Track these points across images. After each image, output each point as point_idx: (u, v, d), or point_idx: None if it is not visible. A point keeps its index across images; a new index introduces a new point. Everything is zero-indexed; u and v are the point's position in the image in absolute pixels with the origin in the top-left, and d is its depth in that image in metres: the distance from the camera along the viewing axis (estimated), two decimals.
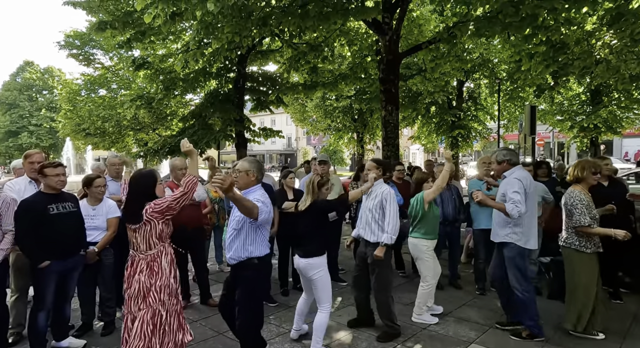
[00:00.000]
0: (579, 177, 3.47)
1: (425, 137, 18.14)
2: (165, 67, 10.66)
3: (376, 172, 3.59)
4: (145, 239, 2.66)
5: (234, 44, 7.28)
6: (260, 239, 2.81)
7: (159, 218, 2.65)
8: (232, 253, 2.79)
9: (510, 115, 18.33)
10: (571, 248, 3.45)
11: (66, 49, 15.88)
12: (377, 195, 3.56)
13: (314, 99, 17.56)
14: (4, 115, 34.75)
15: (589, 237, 3.37)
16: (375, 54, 9.22)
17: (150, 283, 2.63)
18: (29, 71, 35.83)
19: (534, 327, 3.42)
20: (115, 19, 8.32)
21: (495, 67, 14.73)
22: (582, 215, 3.30)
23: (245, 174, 2.82)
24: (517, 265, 3.40)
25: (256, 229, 2.78)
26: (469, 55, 10.67)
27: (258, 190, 2.82)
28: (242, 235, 2.76)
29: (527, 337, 3.43)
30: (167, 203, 2.65)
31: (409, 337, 3.57)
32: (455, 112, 15.50)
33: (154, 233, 2.66)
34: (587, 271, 3.40)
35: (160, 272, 2.67)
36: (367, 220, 3.58)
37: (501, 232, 3.49)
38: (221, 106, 10.53)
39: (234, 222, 2.81)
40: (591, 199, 3.42)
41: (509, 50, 8.52)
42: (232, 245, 2.79)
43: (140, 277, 2.63)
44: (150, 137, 16.03)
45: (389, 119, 7.68)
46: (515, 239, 3.39)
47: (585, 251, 3.39)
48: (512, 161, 3.49)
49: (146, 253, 2.67)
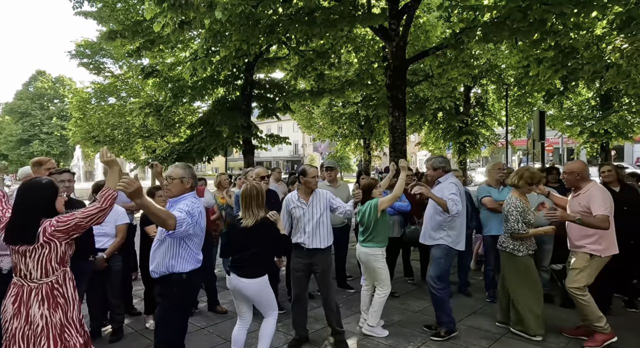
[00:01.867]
0: (515, 184, 3.60)
1: (433, 143, 18.06)
2: (174, 75, 10.80)
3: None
4: (40, 264, 2.14)
5: (242, 51, 7.36)
6: (186, 253, 2.53)
7: (62, 239, 2.17)
8: (153, 266, 2.56)
9: (518, 121, 18.22)
10: (506, 251, 3.61)
11: (77, 58, 16.20)
12: (319, 200, 3.48)
13: (320, 106, 17.62)
14: (16, 124, 35.43)
15: (522, 241, 3.53)
16: (382, 61, 9.24)
17: (58, 318, 2.16)
18: (41, 80, 36.55)
19: (450, 323, 3.62)
20: (125, 28, 8.49)
21: (503, 72, 14.68)
22: (516, 222, 3.47)
23: (179, 181, 2.59)
24: (441, 266, 3.64)
25: (180, 242, 2.50)
26: (476, 60, 10.66)
27: (189, 198, 2.58)
28: (163, 248, 2.51)
29: (445, 334, 3.58)
30: (76, 221, 2.18)
31: (420, 345, 3.51)
32: (462, 117, 15.44)
33: (54, 257, 2.17)
34: (522, 273, 3.55)
35: (67, 302, 2.21)
36: (315, 227, 3.43)
37: (436, 235, 3.68)
38: (229, 113, 10.62)
39: (158, 231, 2.59)
40: (528, 204, 3.56)
41: (517, 55, 8.48)
42: (154, 257, 2.57)
43: (43, 312, 2.12)
44: (158, 145, 16.19)
45: (396, 125, 7.66)
46: (449, 241, 3.62)
47: (517, 254, 3.54)
48: (446, 168, 3.78)
49: (39, 282, 2.15)
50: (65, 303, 2.20)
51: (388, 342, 3.58)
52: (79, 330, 2.26)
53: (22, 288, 2.14)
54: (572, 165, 3.58)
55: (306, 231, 3.44)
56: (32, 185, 2.27)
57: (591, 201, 3.33)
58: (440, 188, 3.68)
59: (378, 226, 3.73)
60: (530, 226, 3.52)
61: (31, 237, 2.12)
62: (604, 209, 3.27)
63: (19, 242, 2.14)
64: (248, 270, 2.94)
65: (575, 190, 3.55)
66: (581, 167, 3.52)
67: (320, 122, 20.13)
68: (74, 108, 17.09)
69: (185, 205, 2.49)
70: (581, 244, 3.43)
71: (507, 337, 3.63)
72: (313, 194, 3.51)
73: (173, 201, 2.61)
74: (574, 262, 3.46)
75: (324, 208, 3.48)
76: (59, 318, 2.16)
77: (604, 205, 3.29)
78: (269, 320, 3.09)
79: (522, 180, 3.53)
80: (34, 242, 2.12)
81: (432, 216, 3.73)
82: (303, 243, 3.45)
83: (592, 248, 3.38)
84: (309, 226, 3.43)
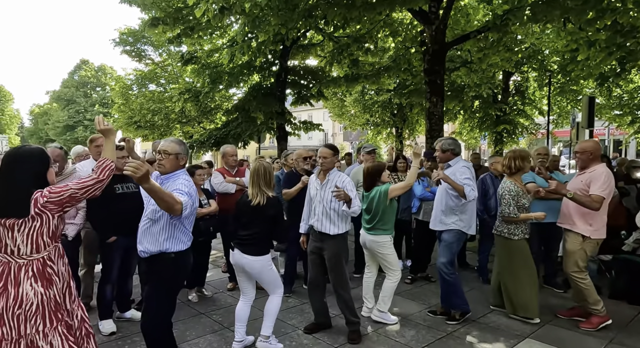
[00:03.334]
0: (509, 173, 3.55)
1: (467, 133, 17.55)
2: (212, 61, 11.02)
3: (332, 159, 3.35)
4: (31, 239, 1.95)
5: (280, 36, 7.40)
6: (180, 233, 2.44)
7: (55, 211, 1.98)
8: (143, 246, 2.44)
9: (561, 110, 17.33)
10: (501, 235, 3.59)
11: (120, 45, 16.86)
12: (336, 183, 3.27)
13: (352, 94, 17.48)
14: (62, 111, 37.41)
15: (516, 224, 3.50)
16: (419, 45, 9.03)
17: (53, 294, 1.99)
18: (85, 69, 38.30)
19: (464, 304, 3.60)
20: (167, 15, 8.71)
21: (546, 59, 13.96)
22: (507, 206, 3.45)
23: (175, 157, 2.44)
24: (453, 250, 3.60)
25: (176, 223, 2.40)
26: (519, 45, 10.19)
27: (182, 176, 2.46)
28: (157, 228, 2.39)
29: (460, 317, 3.58)
30: (70, 192, 1.98)
31: (458, 328, 3.51)
32: (500, 106, 14.86)
33: (46, 231, 1.98)
34: (517, 257, 3.54)
35: (60, 279, 2.05)
36: (325, 211, 3.28)
37: (447, 220, 3.61)
38: (263, 99, 10.76)
39: (149, 211, 2.43)
40: (523, 188, 3.53)
41: (565, 38, 8.03)
42: (143, 237, 2.44)
43: (37, 289, 1.94)
44: (195, 130, 16.69)
45: (434, 111, 7.52)
46: (461, 226, 3.57)
47: (512, 238, 3.51)
48: (456, 151, 3.65)
49: (29, 258, 1.96)
50: (59, 281, 2.04)
51: (426, 324, 3.59)
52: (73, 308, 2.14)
53: (9, 265, 1.94)
54: (586, 144, 3.54)
55: (316, 213, 3.34)
56: (21, 153, 2.02)
57: (593, 181, 3.31)
58: (452, 172, 3.55)
59: (386, 214, 3.50)
60: (525, 210, 3.48)
61: (22, 209, 1.91)
62: (601, 190, 3.26)
63: (7, 215, 1.91)
64: (252, 247, 2.92)
65: (582, 169, 3.52)
66: (595, 147, 3.49)
67: (352, 110, 19.98)
68: (117, 94, 17.86)
69: (183, 185, 2.35)
70: (574, 222, 3.45)
71: (549, 325, 3.55)
72: (329, 176, 3.34)
73: (165, 178, 2.46)
74: (567, 245, 3.49)
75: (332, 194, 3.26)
76: (53, 295, 1.99)
77: (604, 186, 3.26)
78: (273, 298, 3.08)
79: (514, 167, 3.51)
80: (26, 215, 1.91)
81: (443, 201, 3.62)
82: (314, 225, 3.37)
83: (583, 229, 3.40)
84: (319, 208, 3.31)
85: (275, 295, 3.09)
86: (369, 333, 3.44)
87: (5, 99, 38.20)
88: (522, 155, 3.51)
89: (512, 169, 3.51)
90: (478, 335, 3.37)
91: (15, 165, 1.98)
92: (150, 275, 2.51)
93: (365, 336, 3.36)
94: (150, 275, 2.51)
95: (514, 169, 3.51)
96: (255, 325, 3.50)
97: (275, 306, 3.06)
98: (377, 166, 3.62)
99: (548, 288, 4.50)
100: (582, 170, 3.55)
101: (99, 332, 3.28)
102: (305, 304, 4.04)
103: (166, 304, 2.47)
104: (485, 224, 4.63)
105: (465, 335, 3.38)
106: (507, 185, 3.50)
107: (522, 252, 3.54)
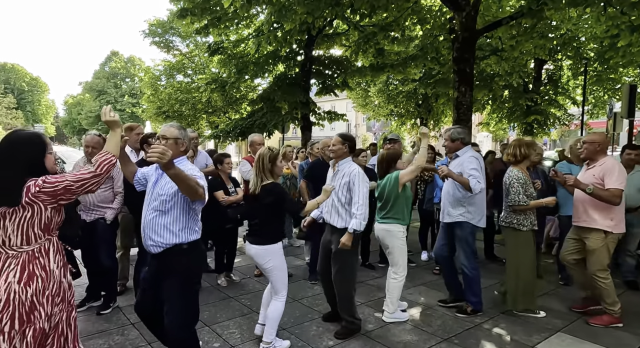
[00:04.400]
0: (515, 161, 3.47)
1: (495, 124, 17.04)
2: (238, 51, 11.12)
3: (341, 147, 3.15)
4: (21, 229, 1.83)
5: (306, 25, 7.38)
6: (193, 223, 2.32)
7: (48, 202, 1.85)
8: (153, 239, 2.26)
9: (596, 100, 16.55)
10: (510, 227, 3.49)
11: (149, 36, 17.26)
12: (344, 174, 3.11)
13: (377, 84, 17.26)
14: (94, 101, 38.77)
15: (525, 215, 3.43)
16: (448, 33, 8.80)
17: (30, 294, 1.81)
18: (115, 60, 39.46)
19: (478, 303, 3.56)
20: (195, 5, 8.81)
21: (582, 46, 13.31)
22: (517, 194, 3.36)
23: (174, 142, 2.29)
24: (469, 243, 3.51)
25: (190, 211, 2.28)
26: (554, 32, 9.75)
27: (187, 163, 2.36)
28: (169, 219, 2.24)
29: (471, 312, 3.55)
30: (65, 184, 1.85)
31: (487, 319, 3.48)
32: (532, 96, 14.33)
33: (37, 222, 1.85)
34: (526, 248, 3.46)
35: (47, 277, 1.87)
36: (334, 203, 3.15)
37: (454, 212, 3.53)
38: (288, 89, 10.80)
39: (156, 202, 2.26)
40: (529, 178, 3.47)
41: (604, 24, 7.63)
42: (152, 229, 2.26)
43: (12, 284, 1.78)
44: (221, 120, 16.97)
45: (462, 100, 7.34)
46: (469, 218, 3.48)
47: (522, 229, 3.43)
48: (465, 140, 3.60)
49: (20, 250, 1.84)
50: (45, 278, 1.86)
51: (453, 315, 3.58)
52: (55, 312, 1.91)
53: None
54: (594, 135, 3.50)
55: (326, 204, 3.22)
56: (15, 138, 1.90)
57: (607, 174, 3.23)
58: (460, 162, 3.49)
59: (399, 201, 3.38)
60: (532, 199, 3.43)
61: (13, 197, 1.78)
62: (619, 183, 3.18)
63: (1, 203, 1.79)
64: (256, 237, 2.86)
65: (590, 162, 3.46)
66: (603, 139, 3.46)
67: (376, 100, 19.75)
68: (146, 85, 18.34)
69: (194, 170, 2.27)
70: (594, 218, 3.33)
71: (582, 320, 3.47)
72: (339, 166, 3.20)
73: None
74: (589, 243, 3.36)
75: (340, 186, 3.12)
76: (31, 294, 1.81)
77: (620, 179, 3.20)
78: (274, 302, 2.91)
79: (520, 155, 3.44)
80: (17, 204, 1.79)
81: (451, 192, 3.57)
82: (324, 216, 3.29)
83: (605, 225, 3.28)
84: (329, 200, 3.16)
85: (277, 298, 2.92)
86: (395, 321, 3.45)
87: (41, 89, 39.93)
88: (527, 143, 3.47)
89: (518, 157, 3.45)
90: (506, 328, 3.33)
91: (10, 151, 1.86)
92: (167, 272, 2.27)
93: (392, 324, 3.38)
94: (168, 271, 2.27)
95: (519, 156, 3.44)
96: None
97: (276, 311, 2.89)
98: (392, 153, 3.52)
99: None
100: (588, 163, 3.48)
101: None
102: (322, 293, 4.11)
103: (191, 301, 2.32)
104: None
105: (494, 327, 3.35)
106: (514, 173, 3.41)
107: (529, 243, 3.47)
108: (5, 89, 38.25)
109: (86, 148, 3.42)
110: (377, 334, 3.21)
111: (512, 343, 3.06)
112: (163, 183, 2.27)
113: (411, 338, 3.14)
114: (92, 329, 3.25)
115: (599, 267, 3.30)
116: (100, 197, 3.46)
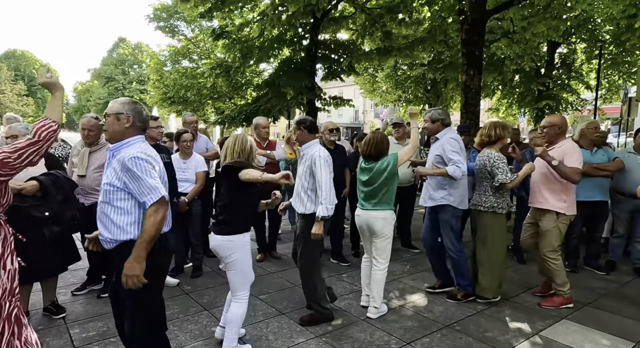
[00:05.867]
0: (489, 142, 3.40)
1: (505, 110, 16.68)
2: (242, 35, 10.95)
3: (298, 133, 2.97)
4: None
5: (310, 7, 7.19)
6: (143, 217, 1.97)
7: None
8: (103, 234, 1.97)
9: (610, 84, 16.06)
10: (489, 212, 3.39)
11: (154, 21, 17.12)
12: (306, 158, 2.91)
13: (385, 69, 16.95)
14: (103, 88, 38.91)
15: (503, 197, 3.38)
16: (457, 14, 8.53)
17: None
18: (122, 47, 39.41)
19: (468, 286, 3.48)
20: None
21: (598, 27, 12.85)
22: (505, 173, 3.26)
23: (115, 118, 1.93)
24: (452, 227, 3.43)
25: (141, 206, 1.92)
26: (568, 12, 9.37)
27: (136, 143, 1.95)
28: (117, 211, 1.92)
29: (462, 297, 3.48)
30: (2, 156, 1.67)
31: (489, 306, 3.42)
32: (544, 80, 13.94)
33: None
34: (502, 232, 3.43)
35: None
36: (297, 188, 2.99)
37: (436, 195, 3.45)
38: (294, 74, 10.63)
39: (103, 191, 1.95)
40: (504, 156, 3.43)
41: (621, 3, 7.32)
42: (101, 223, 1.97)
43: None
44: (226, 106, 16.90)
45: (470, 84, 7.16)
46: (451, 201, 3.39)
47: (501, 212, 3.38)
48: (446, 122, 3.48)
49: None
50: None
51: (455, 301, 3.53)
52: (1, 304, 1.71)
53: None
54: (554, 118, 3.51)
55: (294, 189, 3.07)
56: None
57: (567, 154, 3.30)
58: (440, 145, 3.40)
59: (394, 185, 3.17)
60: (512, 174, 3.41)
61: None
62: (578, 163, 3.28)
63: None
64: (217, 225, 2.54)
65: (549, 145, 3.46)
66: (563, 121, 3.49)
67: (383, 86, 19.44)
68: (152, 70, 18.29)
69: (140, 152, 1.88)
70: (547, 199, 3.37)
71: (588, 308, 3.40)
72: (302, 150, 3.00)
73: (114, 148, 1.96)
74: (543, 225, 3.40)
75: (303, 170, 2.92)
76: None
77: (579, 159, 3.30)
78: (233, 304, 2.56)
79: (495, 136, 3.38)
80: None
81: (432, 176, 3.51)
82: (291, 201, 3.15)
83: (557, 206, 3.33)
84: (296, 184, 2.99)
85: (236, 299, 2.57)
86: (396, 307, 3.41)
87: None
88: (502, 125, 3.43)
89: (493, 138, 3.39)
90: (510, 314, 3.27)
91: None
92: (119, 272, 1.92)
93: (393, 310, 3.34)
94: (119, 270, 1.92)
95: (494, 137, 3.38)
96: (283, 294, 3.62)
97: (236, 315, 2.53)
98: (384, 135, 3.27)
99: (589, 270, 4.30)
100: (547, 146, 3.44)
101: None
102: (332, 277, 4.09)
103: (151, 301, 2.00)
104: (522, 201, 4.42)
105: (497, 313, 3.29)
106: (494, 154, 3.33)
107: (502, 227, 3.43)
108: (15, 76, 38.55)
109: (82, 131, 3.38)
110: (377, 320, 3.17)
111: (515, 331, 3.00)
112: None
113: (412, 325, 3.10)
114: (92, 312, 3.28)
115: (549, 248, 3.35)
116: (98, 181, 3.43)
